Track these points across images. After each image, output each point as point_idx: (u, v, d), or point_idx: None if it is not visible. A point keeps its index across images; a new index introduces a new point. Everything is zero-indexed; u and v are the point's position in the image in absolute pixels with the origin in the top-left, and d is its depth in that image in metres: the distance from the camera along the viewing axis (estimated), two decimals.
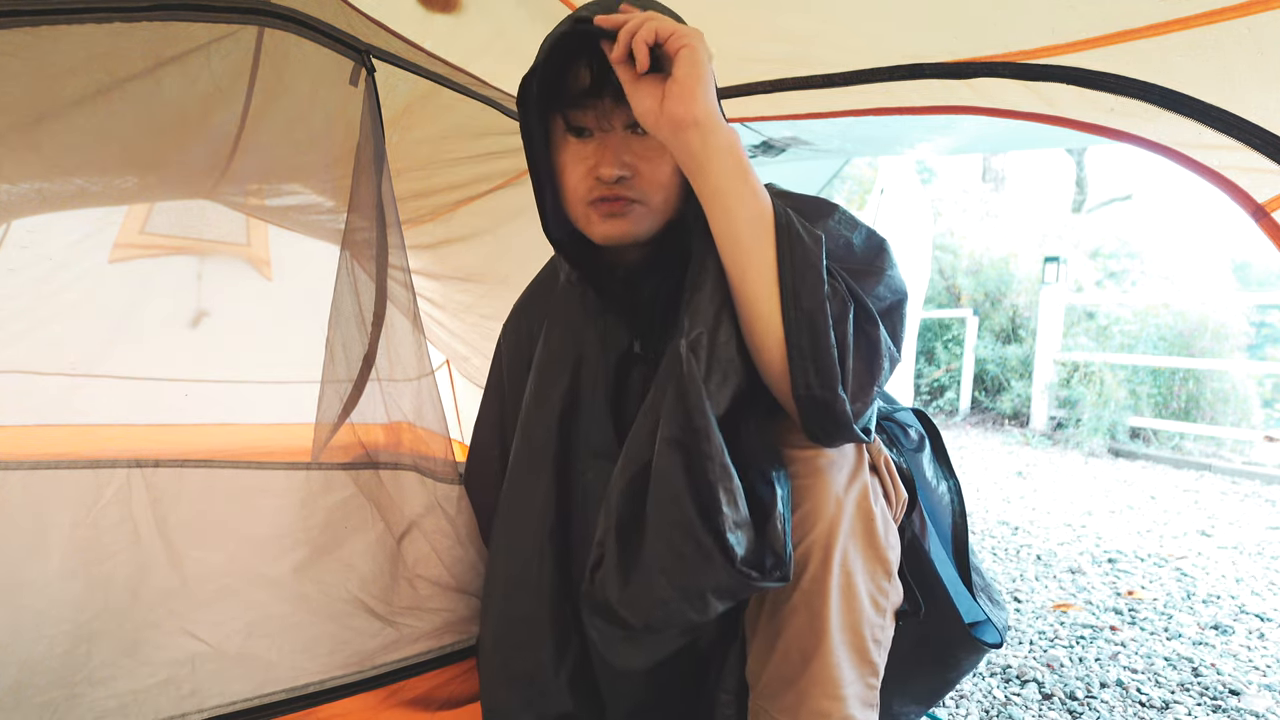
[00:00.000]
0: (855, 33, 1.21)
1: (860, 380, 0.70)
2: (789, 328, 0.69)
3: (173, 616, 1.12)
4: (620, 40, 0.71)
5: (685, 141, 0.72)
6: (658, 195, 0.82)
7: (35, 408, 1.68)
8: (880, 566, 0.75)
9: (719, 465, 0.64)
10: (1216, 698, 1.56)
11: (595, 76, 0.78)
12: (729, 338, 0.73)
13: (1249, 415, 5.12)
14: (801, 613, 0.72)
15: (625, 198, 0.81)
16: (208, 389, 2.05)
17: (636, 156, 0.81)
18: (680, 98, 0.70)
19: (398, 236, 1.26)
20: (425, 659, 1.12)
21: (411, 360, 1.24)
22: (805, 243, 0.71)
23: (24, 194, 1.20)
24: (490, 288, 2.03)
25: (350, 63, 1.24)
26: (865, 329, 0.72)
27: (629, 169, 0.80)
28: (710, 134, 0.71)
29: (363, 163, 1.25)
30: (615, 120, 0.81)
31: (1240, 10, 0.87)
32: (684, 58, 0.70)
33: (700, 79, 0.71)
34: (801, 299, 0.69)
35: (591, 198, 0.82)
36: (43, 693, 0.98)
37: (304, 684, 1.08)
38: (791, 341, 0.69)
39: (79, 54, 1.01)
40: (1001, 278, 7.19)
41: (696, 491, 0.64)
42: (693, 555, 0.63)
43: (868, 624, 0.74)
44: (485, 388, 1.13)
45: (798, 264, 0.70)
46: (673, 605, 0.66)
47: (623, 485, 0.70)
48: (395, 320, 1.27)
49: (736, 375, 0.73)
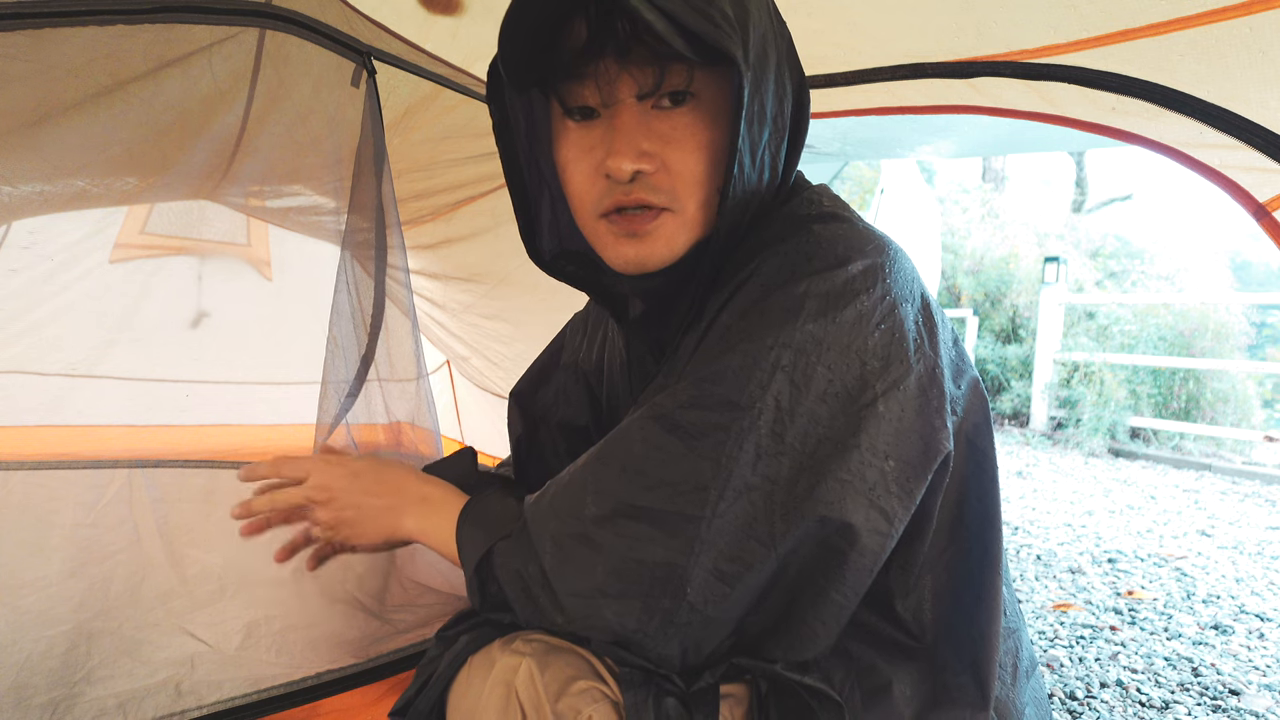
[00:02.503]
0: (857, 32, 1.21)
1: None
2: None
3: (172, 616, 1.12)
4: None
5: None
6: (693, 197, 0.58)
7: (36, 408, 1.68)
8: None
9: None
10: (1216, 698, 1.56)
11: (593, 28, 0.55)
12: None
13: (1249, 415, 5.12)
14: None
15: (649, 204, 0.57)
16: (208, 389, 2.05)
17: (659, 140, 0.56)
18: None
19: (398, 237, 1.26)
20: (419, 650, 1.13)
21: (410, 361, 1.24)
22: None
23: (25, 195, 1.20)
24: (491, 288, 2.03)
25: (351, 64, 1.24)
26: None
27: (650, 159, 0.56)
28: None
29: (363, 164, 1.26)
30: (623, 89, 0.56)
31: (1241, 10, 0.87)
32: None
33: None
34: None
35: (603, 208, 0.59)
36: (43, 692, 0.99)
37: (301, 678, 1.08)
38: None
39: (81, 56, 1.01)
40: (1001, 278, 7.20)
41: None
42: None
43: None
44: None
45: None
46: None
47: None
48: (394, 321, 1.27)
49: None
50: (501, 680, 0.55)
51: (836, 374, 0.52)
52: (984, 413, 0.62)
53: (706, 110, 0.57)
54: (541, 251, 0.70)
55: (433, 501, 0.68)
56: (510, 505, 0.64)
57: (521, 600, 0.58)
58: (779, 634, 0.56)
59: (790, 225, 0.60)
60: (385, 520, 0.68)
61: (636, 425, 0.56)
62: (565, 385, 0.87)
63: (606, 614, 0.53)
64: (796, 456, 0.52)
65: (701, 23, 0.51)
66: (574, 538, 0.55)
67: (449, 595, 1.21)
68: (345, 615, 1.16)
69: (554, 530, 0.57)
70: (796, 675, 0.56)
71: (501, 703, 0.54)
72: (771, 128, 0.59)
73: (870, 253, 0.56)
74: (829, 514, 0.52)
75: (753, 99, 0.55)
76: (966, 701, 0.59)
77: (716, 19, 0.52)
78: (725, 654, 0.57)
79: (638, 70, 0.55)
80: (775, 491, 0.51)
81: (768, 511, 0.52)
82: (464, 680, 0.61)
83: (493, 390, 2.26)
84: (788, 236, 0.58)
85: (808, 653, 0.56)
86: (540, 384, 0.89)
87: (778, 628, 0.56)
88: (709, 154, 0.57)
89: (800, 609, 0.56)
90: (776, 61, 0.58)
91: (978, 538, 0.61)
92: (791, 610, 0.56)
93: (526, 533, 0.59)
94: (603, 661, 0.56)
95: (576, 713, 0.52)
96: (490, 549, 0.60)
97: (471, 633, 0.64)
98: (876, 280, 0.55)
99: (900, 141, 3.03)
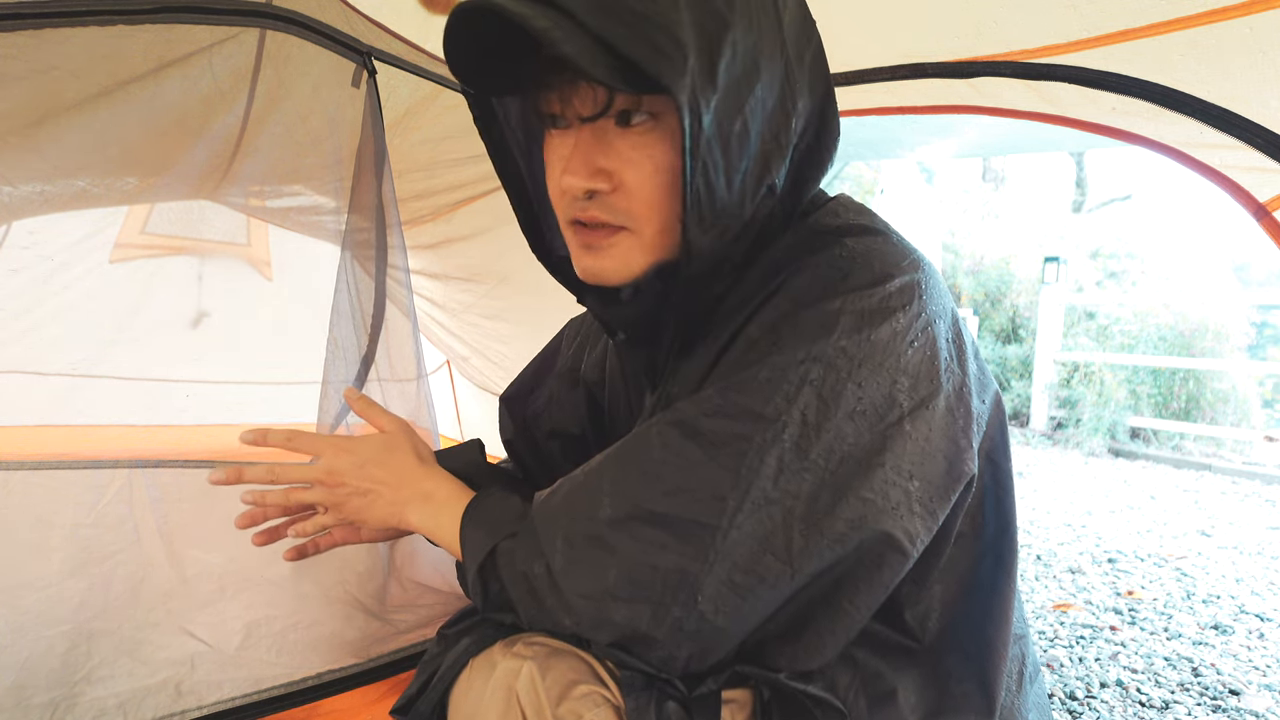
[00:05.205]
0: (858, 32, 1.22)
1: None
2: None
3: (172, 616, 1.12)
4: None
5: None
6: (650, 220, 0.56)
7: (36, 408, 1.69)
8: None
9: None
10: (1216, 698, 1.56)
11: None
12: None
13: (1249, 415, 5.12)
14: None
15: (603, 222, 0.56)
16: (208, 389, 2.05)
17: (618, 159, 0.55)
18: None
19: (398, 237, 1.26)
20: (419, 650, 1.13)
21: (410, 361, 1.24)
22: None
23: (26, 195, 1.20)
24: (491, 288, 2.03)
25: (352, 65, 1.24)
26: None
27: (605, 178, 0.55)
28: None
29: (364, 164, 1.26)
30: (579, 103, 0.55)
31: (1241, 10, 0.87)
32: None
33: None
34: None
35: (569, 217, 0.59)
36: (43, 692, 0.99)
37: (302, 678, 1.08)
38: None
39: (81, 57, 1.01)
40: (1001, 278, 7.20)
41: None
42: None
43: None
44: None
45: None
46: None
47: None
48: (394, 321, 1.27)
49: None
50: (503, 684, 0.55)
51: (866, 391, 0.51)
52: (1002, 426, 0.61)
53: (667, 130, 0.54)
54: (549, 250, 0.68)
55: (437, 498, 0.68)
56: (514, 504, 0.64)
57: (526, 601, 0.58)
58: (785, 643, 0.56)
59: (818, 238, 0.58)
60: (389, 511, 0.69)
61: (656, 430, 0.55)
62: (558, 393, 0.86)
63: (615, 617, 0.52)
64: (819, 473, 0.51)
65: (641, 49, 0.48)
66: (587, 539, 0.54)
67: (449, 595, 1.21)
68: (345, 615, 1.16)
69: (565, 530, 0.56)
70: (800, 684, 0.55)
71: (503, 706, 0.54)
72: (756, 148, 0.54)
73: (907, 269, 0.55)
74: (849, 532, 0.51)
75: (715, 122, 0.51)
76: (972, 709, 0.58)
77: (660, 42, 0.48)
78: (729, 660, 0.56)
79: (587, 89, 0.54)
80: (795, 506, 0.50)
81: (786, 526, 0.50)
82: (465, 683, 0.61)
83: (493, 390, 2.26)
84: (817, 250, 0.56)
85: (814, 662, 0.55)
86: (532, 390, 0.89)
87: (785, 636, 0.56)
88: (668, 176, 0.55)
89: (811, 621, 0.55)
90: (783, 76, 0.55)
91: (991, 548, 0.60)
92: (802, 622, 0.55)
93: (534, 532, 0.58)
94: (604, 665, 0.56)
95: (578, 717, 0.52)
96: (494, 549, 0.60)
97: (473, 634, 0.64)
98: (913, 298, 0.54)
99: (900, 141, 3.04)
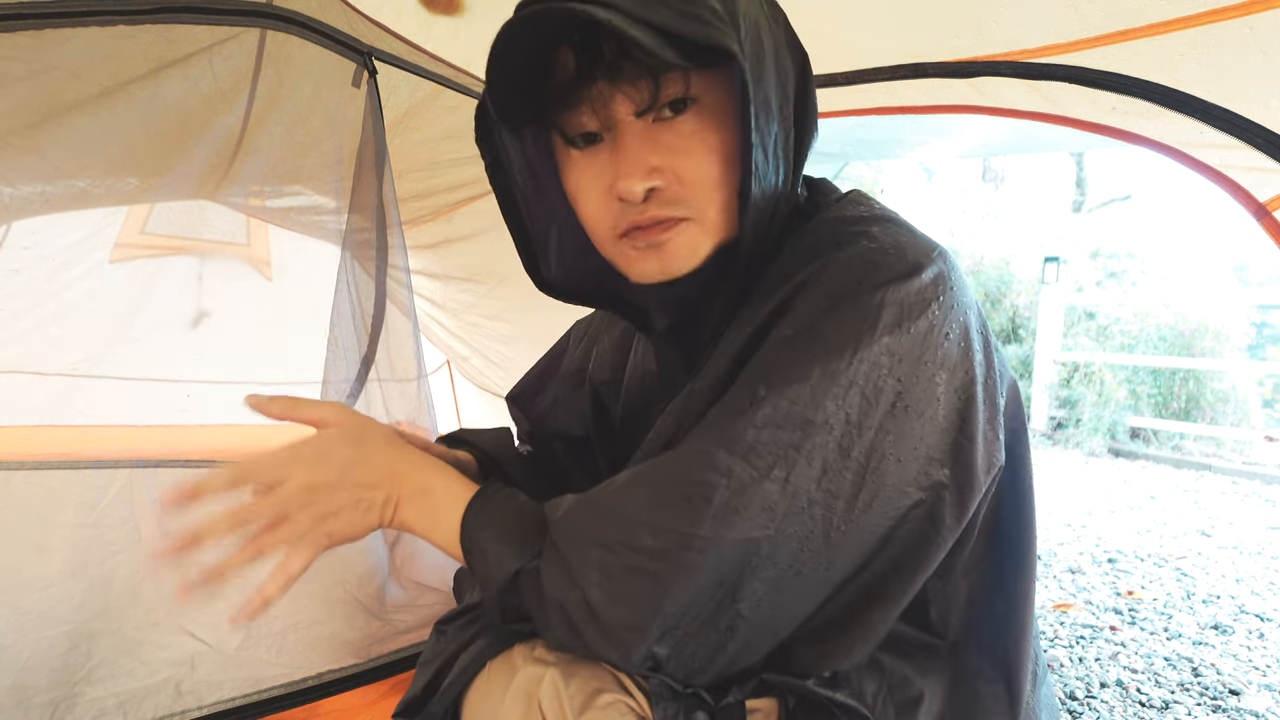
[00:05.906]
0: (858, 32, 1.22)
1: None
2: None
3: (172, 616, 1.12)
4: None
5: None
6: (713, 201, 0.56)
7: (36, 408, 1.68)
8: None
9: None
10: (1216, 698, 1.56)
11: (580, 55, 0.54)
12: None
13: (1249, 415, 5.12)
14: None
15: (667, 218, 0.56)
16: (208, 389, 2.05)
17: (668, 153, 0.55)
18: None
19: (398, 237, 1.26)
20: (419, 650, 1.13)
21: (410, 361, 1.24)
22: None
23: (26, 196, 1.20)
24: (491, 288, 2.03)
25: (352, 65, 1.24)
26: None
27: (661, 174, 0.55)
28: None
29: (364, 164, 1.26)
30: (620, 109, 0.55)
31: (1241, 10, 0.87)
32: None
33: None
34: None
35: (621, 229, 0.57)
36: (43, 692, 0.99)
37: (302, 678, 1.08)
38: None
39: (82, 57, 1.01)
40: (1001, 278, 7.19)
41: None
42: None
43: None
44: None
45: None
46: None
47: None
48: (394, 321, 1.27)
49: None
50: (524, 690, 0.53)
51: (906, 386, 0.51)
52: (1021, 417, 0.61)
53: (710, 113, 0.55)
54: (549, 281, 0.68)
55: (434, 494, 0.62)
56: (523, 505, 0.60)
57: (561, 629, 0.54)
58: (814, 644, 0.55)
59: (841, 229, 0.57)
60: (383, 514, 0.62)
61: (698, 450, 0.52)
62: (564, 395, 0.85)
63: (661, 650, 0.51)
64: (859, 470, 0.50)
65: (691, 25, 0.49)
66: (628, 571, 0.51)
67: (449, 594, 1.21)
68: (345, 615, 1.16)
69: (599, 560, 0.52)
70: (827, 691, 0.54)
71: (523, 713, 0.53)
72: (778, 119, 0.56)
73: (936, 259, 0.55)
74: (886, 526, 0.51)
75: (756, 90, 0.52)
76: (999, 710, 0.58)
77: (706, 16, 0.50)
78: (755, 668, 0.55)
79: (630, 88, 0.54)
80: (836, 505, 0.50)
81: (825, 525, 0.50)
82: (482, 686, 0.58)
83: (493, 390, 2.26)
84: (843, 242, 0.55)
85: (841, 664, 0.54)
86: (537, 391, 0.88)
87: (813, 638, 0.55)
88: (721, 156, 0.55)
89: (845, 618, 0.54)
90: (774, 49, 0.56)
91: (1013, 544, 0.60)
92: (836, 619, 0.54)
93: (561, 557, 0.54)
94: (628, 673, 0.54)
95: None
96: (518, 572, 0.55)
97: (488, 634, 0.61)
98: (945, 289, 0.54)
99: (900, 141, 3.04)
